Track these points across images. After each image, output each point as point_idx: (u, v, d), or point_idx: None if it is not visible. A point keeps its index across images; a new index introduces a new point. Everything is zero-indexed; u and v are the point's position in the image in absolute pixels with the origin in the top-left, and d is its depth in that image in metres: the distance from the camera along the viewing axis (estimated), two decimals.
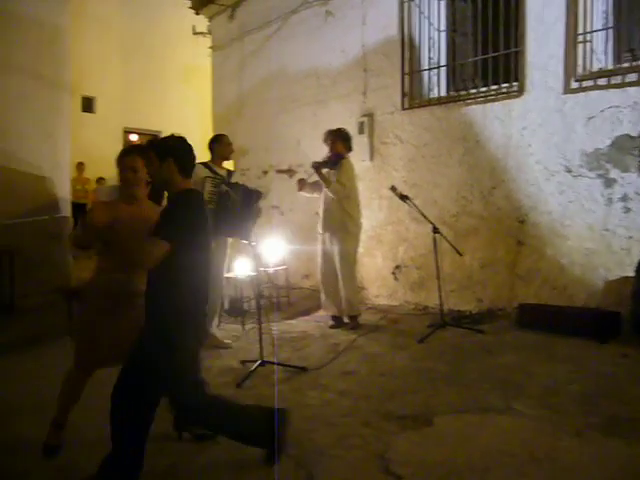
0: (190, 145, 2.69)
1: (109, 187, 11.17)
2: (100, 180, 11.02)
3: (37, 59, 7.11)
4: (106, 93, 12.00)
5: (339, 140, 5.32)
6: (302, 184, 5.38)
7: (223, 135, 5.05)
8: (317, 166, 5.22)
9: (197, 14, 9.11)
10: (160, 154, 2.61)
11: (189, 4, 9.04)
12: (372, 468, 2.65)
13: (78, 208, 9.79)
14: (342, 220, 5.22)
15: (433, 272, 5.18)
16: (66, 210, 7.45)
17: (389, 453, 2.77)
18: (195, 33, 9.59)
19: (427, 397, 3.49)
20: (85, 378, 2.97)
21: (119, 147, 13.23)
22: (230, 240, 4.98)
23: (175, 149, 2.63)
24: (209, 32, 9.20)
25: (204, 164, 4.80)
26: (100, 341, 2.86)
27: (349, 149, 5.40)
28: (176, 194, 2.62)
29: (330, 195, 5.21)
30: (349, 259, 5.27)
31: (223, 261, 4.88)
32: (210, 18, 9.03)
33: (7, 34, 6.78)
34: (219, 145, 4.91)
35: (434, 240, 5.00)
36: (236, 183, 4.77)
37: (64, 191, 7.43)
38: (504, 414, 3.19)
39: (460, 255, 5.04)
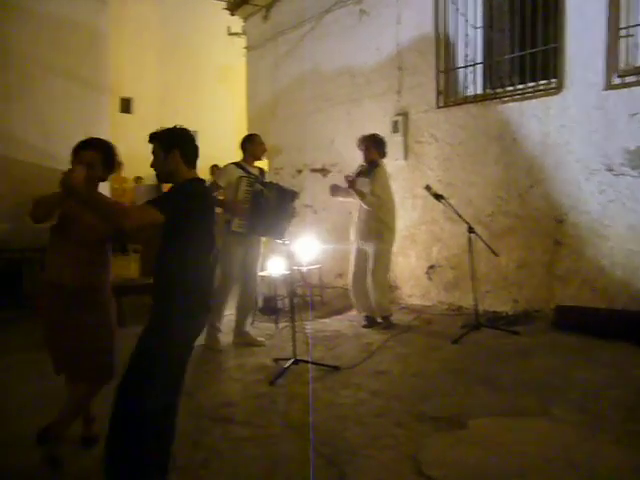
0: (192, 135, 2.68)
1: (147, 186, 11.49)
2: (138, 179, 11.24)
3: (79, 62, 7.30)
4: (143, 94, 12.23)
5: (373, 146, 5.28)
6: (335, 190, 5.35)
7: (255, 135, 5.05)
8: (351, 180, 5.14)
9: (232, 15, 9.20)
10: (165, 146, 2.56)
11: (224, 5, 9.14)
12: (404, 469, 2.64)
13: None
14: (377, 229, 5.19)
15: (468, 272, 5.12)
16: None
17: (422, 454, 2.75)
18: (230, 34, 9.70)
19: (461, 399, 3.45)
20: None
21: None
22: (264, 239, 5.01)
23: (180, 140, 2.61)
24: (244, 32, 9.28)
25: (236, 164, 4.83)
26: (66, 340, 2.78)
27: (383, 155, 5.35)
28: (181, 183, 2.57)
29: (365, 206, 5.18)
30: (382, 261, 5.26)
31: (257, 260, 4.91)
32: (245, 19, 9.10)
33: (52, 38, 7.00)
34: (251, 145, 4.91)
35: (469, 240, 4.94)
36: (270, 182, 4.80)
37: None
38: (541, 418, 3.13)
39: (496, 255, 4.96)
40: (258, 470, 2.71)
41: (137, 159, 11.59)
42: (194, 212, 2.48)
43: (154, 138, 2.61)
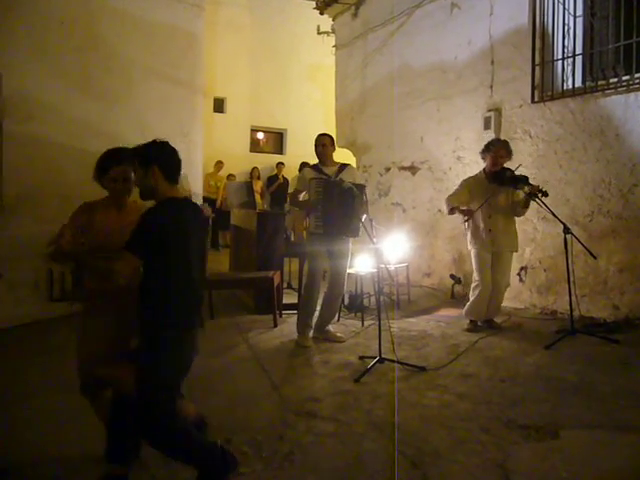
0: (173, 149, 2.57)
1: (237, 183, 11.88)
2: (230, 176, 11.64)
3: (176, 65, 7.65)
4: (235, 94, 12.64)
5: (507, 154, 5.07)
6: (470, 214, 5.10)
7: (317, 136, 4.95)
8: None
9: (321, 14, 9.32)
10: (143, 162, 2.48)
11: (314, 5, 9.26)
12: (491, 477, 2.57)
13: (209, 203, 10.50)
14: (516, 238, 5.16)
15: (563, 275, 4.88)
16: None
17: (510, 463, 2.66)
18: (319, 33, 9.82)
19: (553, 407, 3.30)
20: None
21: (246, 144, 13.87)
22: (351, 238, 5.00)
23: (159, 155, 2.50)
24: (333, 31, 9.37)
25: (312, 166, 4.90)
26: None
27: None
28: (154, 206, 2.48)
29: (502, 212, 5.04)
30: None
31: (344, 258, 4.88)
32: (334, 17, 9.18)
33: (150, 43, 7.37)
34: (315, 147, 4.92)
35: (565, 241, 4.70)
36: (337, 180, 4.69)
37: (197, 187, 7.95)
38: None
39: (594, 258, 4.69)
40: (341, 466, 2.73)
41: (230, 157, 12.05)
42: (166, 238, 2.40)
43: (135, 154, 2.54)
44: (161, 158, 2.51)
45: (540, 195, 4.77)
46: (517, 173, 4.92)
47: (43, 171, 6.04)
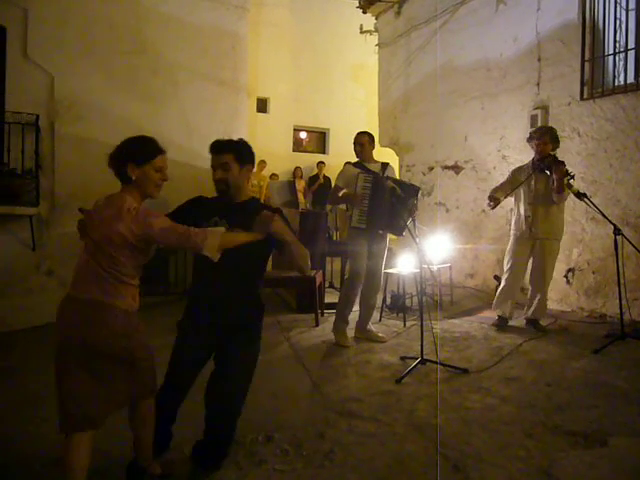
0: None
1: (280, 182, 11.94)
2: (273, 176, 11.73)
3: (220, 65, 7.78)
4: (278, 94, 12.72)
5: (550, 141, 4.92)
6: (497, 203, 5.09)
7: (356, 135, 4.90)
8: (564, 169, 4.71)
9: (364, 13, 9.31)
10: (243, 159, 2.42)
11: (356, 4, 9.25)
12: None
13: None
14: (559, 226, 4.95)
15: (612, 277, 4.73)
16: None
17: (555, 470, 2.60)
18: (362, 32, 9.79)
19: (601, 414, 3.20)
20: None
21: (289, 144, 13.96)
22: (391, 235, 4.98)
23: (253, 155, 2.48)
24: (376, 30, 9.34)
25: (354, 163, 4.84)
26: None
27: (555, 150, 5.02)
28: (254, 202, 2.58)
29: (543, 199, 4.88)
30: (555, 261, 5.03)
31: (381, 255, 4.86)
32: (377, 16, 9.15)
33: (195, 45, 7.52)
34: (354, 146, 4.87)
35: (615, 242, 4.55)
36: (388, 177, 4.71)
37: None
38: None
39: None
40: (381, 467, 2.72)
41: (273, 156, 12.15)
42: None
43: (230, 149, 2.41)
44: (253, 158, 2.51)
45: (567, 179, 4.62)
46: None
47: (92, 171, 6.21)
